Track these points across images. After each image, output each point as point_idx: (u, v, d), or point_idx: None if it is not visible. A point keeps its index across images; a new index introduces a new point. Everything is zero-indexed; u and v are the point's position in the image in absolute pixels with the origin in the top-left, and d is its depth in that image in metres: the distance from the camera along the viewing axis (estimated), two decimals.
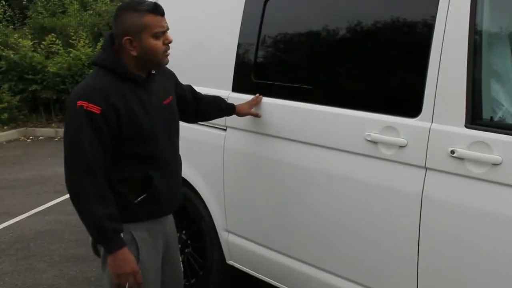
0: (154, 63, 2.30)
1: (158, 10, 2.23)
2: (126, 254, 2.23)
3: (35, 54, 10.94)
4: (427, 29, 2.30)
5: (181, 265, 2.86)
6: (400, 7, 2.44)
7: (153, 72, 2.38)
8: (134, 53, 2.23)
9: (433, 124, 2.25)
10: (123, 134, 2.23)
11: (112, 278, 2.27)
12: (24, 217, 5.74)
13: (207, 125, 3.28)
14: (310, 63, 2.80)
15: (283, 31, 2.94)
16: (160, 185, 2.37)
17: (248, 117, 2.99)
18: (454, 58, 2.21)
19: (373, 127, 2.44)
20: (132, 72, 2.28)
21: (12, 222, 5.59)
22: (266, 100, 2.94)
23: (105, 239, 2.21)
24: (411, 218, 2.33)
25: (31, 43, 11.33)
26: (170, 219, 2.60)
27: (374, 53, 2.55)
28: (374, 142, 2.44)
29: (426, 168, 2.28)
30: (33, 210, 5.96)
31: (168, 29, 2.30)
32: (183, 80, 2.75)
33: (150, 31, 2.21)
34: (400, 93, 2.44)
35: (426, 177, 2.28)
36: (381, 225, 2.45)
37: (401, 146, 2.35)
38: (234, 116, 2.97)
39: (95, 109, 2.15)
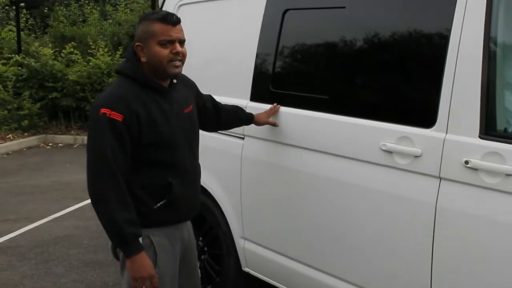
0: (160, 71, 2.33)
1: (167, 19, 2.28)
2: (144, 259, 2.28)
3: (55, 62, 11.12)
4: (442, 40, 2.34)
5: (199, 272, 2.91)
6: (416, 19, 2.48)
7: (174, 81, 2.44)
8: (144, 59, 2.31)
9: (447, 134, 2.29)
10: (144, 141, 2.30)
11: (130, 281, 2.32)
12: (43, 222, 5.85)
13: (225, 134, 3.34)
14: (327, 73, 2.85)
15: (301, 41, 3.00)
16: (179, 192, 2.42)
17: (265, 126, 3.04)
18: (469, 69, 2.24)
19: (389, 137, 2.48)
20: (153, 81, 2.35)
21: (32, 227, 5.69)
22: (283, 109, 2.99)
23: (124, 243, 2.26)
24: (425, 228, 2.36)
25: (52, 51, 11.51)
26: (188, 226, 2.65)
27: (390, 64, 2.59)
28: (389, 152, 2.48)
29: (440, 178, 2.31)
30: (52, 216, 6.06)
31: (179, 39, 2.32)
32: (203, 89, 2.82)
33: (156, 39, 2.27)
34: (415, 104, 2.48)
35: (440, 187, 2.31)
36: (396, 235, 2.48)
37: (416, 156, 2.38)
38: (252, 125, 3.03)
39: (118, 116, 2.21)
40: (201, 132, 2.68)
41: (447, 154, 2.28)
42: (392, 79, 2.58)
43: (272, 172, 3.07)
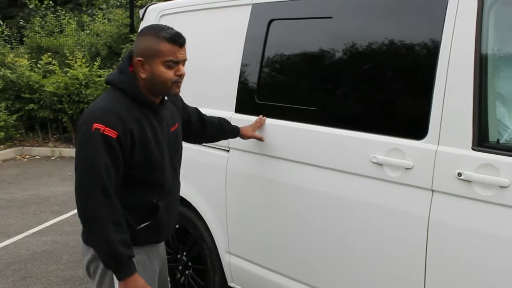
0: (162, 91, 2.28)
1: (176, 40, 2.21)
2: (138, 280, 2.20)
3: (32, 73, 10.93)
4: (433, 50, 2.31)
5: (169, 284, 2.85)
6: (405, 29, 2.45)
7: (166, 98, 2.38)
8: (143, 75, 2.22)
9: (439, 146, 2.25)
10: (135, 160, 2.21)
11: None
12: (20, 237, 5.69)
13: (209, 146, 3.28)
14: (315, 84, 2.79)
15: (287, 52, 2.94)
16: (163, 214, 2.38)
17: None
18: (460, 80, 2.21)
19: (379, 149, 2.43)
20: (147, 99, 2.27)
21: (9, 242, 5.53)
22: (269, 121, 2.93)
23: (119, 265, 2.15)
24: (417, 241, 2.31)
25: (28, 62, 11.33)
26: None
27: (379, 74, 2.55)
28: (379, 164, 2.43)
29: (433, 191, 2.27)
30: (30, 230, 5.90)
31: (184, 60, 2.27)
32: (187, 100, 2.75)
33: (161, 59, 2.19)
34: (406, 115, 2.43)
35: (432, 199, 2.27)
36: (387, 248, 2.43)
37: (407, 168, 2.34)
38: (237, 138, 2.97)
39: (112, 133, 2.11)
40: (184, 144, 2.61)
41: (439, 166, 2.24)
42: (382, 90, 2.53)
43: (258, 185, 3.01)
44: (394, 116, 2.47)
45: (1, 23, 14.25)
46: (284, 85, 2.98)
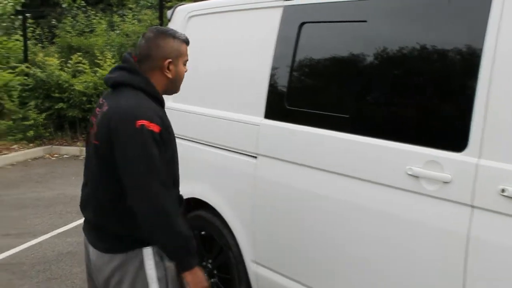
0: (177, 88, 2.42)
1: (188, 41, 2.39)
2: (200, 270, 2.24)
3: (62, 72, 10.99)
4: (475, 56, 2.17)
5: None
6: (446, 34, 2.31)
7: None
8: (170, 76, 2.31)
9: (481, 159, 2.11)
10: (168, 156, 2.24)
11: None
12: (46, 237, 5.68)
13: (234, 151, 3.18)
14: (347, 90, 2.67)
15: (319, 56, 2.83)
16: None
17: (280, 145, 2.89)
18: (505, 88, 2.07)
19: (415, 160, 2.31)
20: (162, 97, 2.35)
21: (35, 242, 5.52)
22: (300, 128, 2.82)
23: (189, 255, 2.19)
24: (456, 259, 2.18)
25: (58, 61, 11.40)
26: None
27: (417, 81, 2.42)
28: (416, 177, 2.30)
29: (473, 207, 2.13)
30: (55, 231, 5.89)
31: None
32: (212, 103, 2.70)
33: (183, 58, 2.35)
34: (444, 125, 2.29)
35: (473, 216, 2.13)
36: (423, 266, 2.30)
37: (445, 182, 2.21)
38: (265, 143, 2.87)
39: (156, 128, 2.13)
40: (205, 148, 2.75)
41: (481, 181, 2.10)
42: (418, 98, 2.40)
43: (288, 194, 2.89)
44: (432, 126, 2.33)
45: (33, 21, 14.39)
46: (315, 91, 2.87)
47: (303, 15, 2.91)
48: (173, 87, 2.38)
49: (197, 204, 3.52)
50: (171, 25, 3.96)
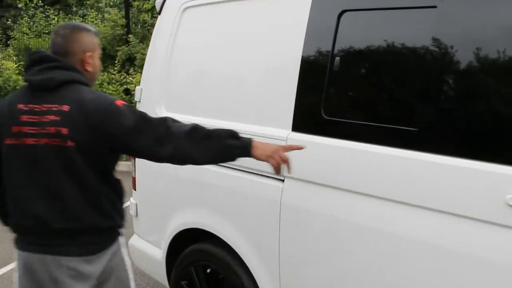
0: (95, 80, 2.45)
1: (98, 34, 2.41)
2: (258, 142, 2.20)
3: (19, 77, 10.18)
4: None
5: None
6: None
7: None
8: (90, 69, 2.30)
9: None
10: None
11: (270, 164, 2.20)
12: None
13: (255, 174, 2.58)
14: (412, 96, 2.08)
15: (368, 52, 2.24)
16: None
17: (314, 165, 2.29)
18: None
19: None
20: None
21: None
22: (341, 143, 2.23)
23: (238, 139, 2.18)
24: None
25: (15, 65, 10.60)
26: None
27: (508, 81, 1.85)
28: None
29: None
30: None
31: None
32: (224, 116, 2.20)
33: (98, 51, 2.36)
34: None
35: None
36: None
37: None
38: (296, 165, 2.26)
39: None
40: (214, 169, 2.68)
41: None
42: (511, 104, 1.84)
43: (323, 224, 2.30)
44: None
45: None
46: (365, 96, 2.27)
47: (342, 2, 2.32)
48: (93, 80, 2.36)
49: (199, 235, 2.92)
50: (161, 19, 3.32)
